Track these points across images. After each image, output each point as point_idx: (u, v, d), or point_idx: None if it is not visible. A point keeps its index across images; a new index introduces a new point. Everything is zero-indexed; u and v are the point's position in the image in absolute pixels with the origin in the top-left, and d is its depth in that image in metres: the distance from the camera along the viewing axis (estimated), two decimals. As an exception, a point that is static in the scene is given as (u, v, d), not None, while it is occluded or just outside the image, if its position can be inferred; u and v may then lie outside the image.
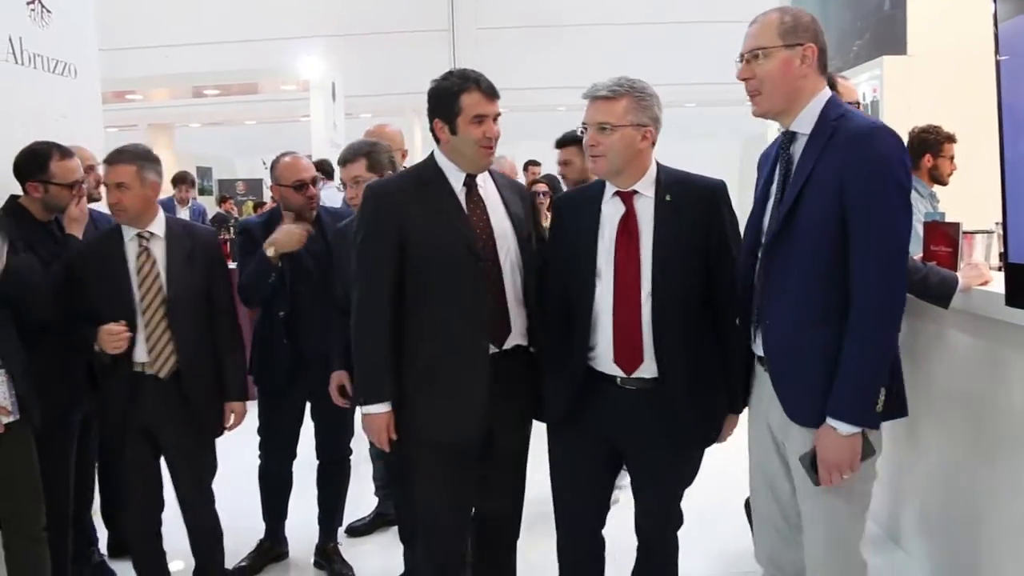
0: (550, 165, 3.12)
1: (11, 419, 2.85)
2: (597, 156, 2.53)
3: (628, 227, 2.55)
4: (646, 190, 2.56)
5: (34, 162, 3.28)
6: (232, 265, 4.11)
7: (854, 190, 2.13)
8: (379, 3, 19.04)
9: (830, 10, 7.63)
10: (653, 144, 2.57)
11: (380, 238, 2.65)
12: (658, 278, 2.50)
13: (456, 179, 2.70)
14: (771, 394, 2.32)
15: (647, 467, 2.67)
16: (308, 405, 3.86)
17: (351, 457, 4.03)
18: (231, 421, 3.35)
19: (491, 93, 2.64)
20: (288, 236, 3.53)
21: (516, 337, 2.73)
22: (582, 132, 2.58)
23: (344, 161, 3.56)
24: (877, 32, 7.31)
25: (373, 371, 2.66)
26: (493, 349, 2.67)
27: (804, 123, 2.29)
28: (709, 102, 15.17)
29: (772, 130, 9.24)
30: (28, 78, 3.38)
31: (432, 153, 2.75)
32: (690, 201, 2.56)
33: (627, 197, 2.57)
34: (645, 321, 2.51)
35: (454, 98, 2.61)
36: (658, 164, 2.62)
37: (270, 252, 3.51)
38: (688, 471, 2.71)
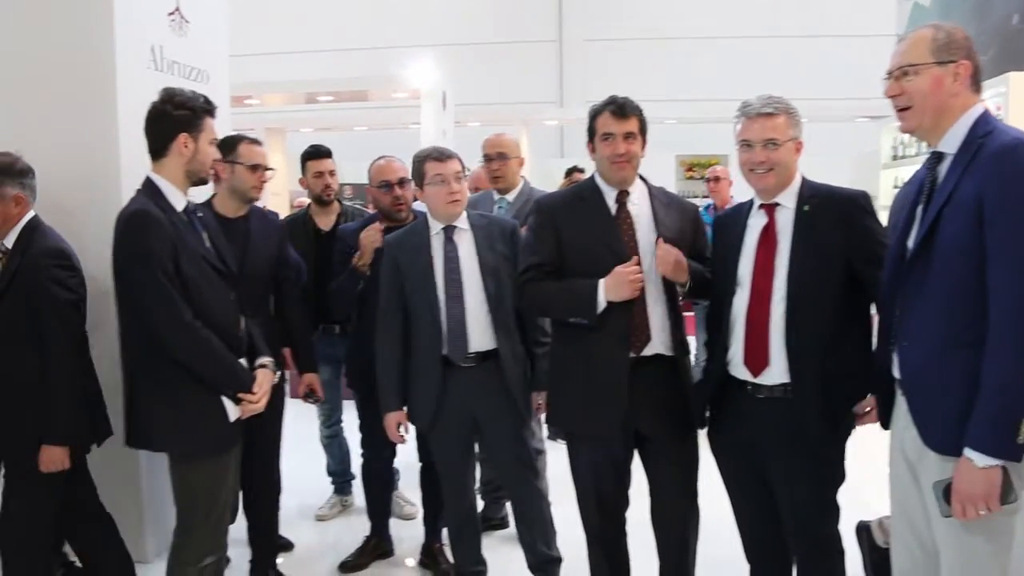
0: (654, 174, 3.16)
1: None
2: (766, 172, 2.63)
3: (768, 237, 2.68)
4: (788, 202, 2.68)
5: (224, 145, 3.45)
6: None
7: (991, 206, 2.07)
8: (490, 14, 19.27)
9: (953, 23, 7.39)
10: None
11: (541, 243, 3.00)
12: (792, 285, 2.59)
13: (609, 196, 3.00)
14: (907, 417, 2.28)
15: (786, 473, 2.69)
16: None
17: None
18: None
19: (619, 113, 2.89)
20: (367, 241, 3.70)
21: (657, 345, 2.92)
22: (741, 148, 2.68)
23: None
24: (1003, 47, 7.08)
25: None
26: (632, 354, 2.89)
27: (951, 143, 2.24)
28: (817, 118, 14.93)
29: (886, 147, 9.05)
30: (166, 84, 3.52)
31: (593, 174, 3.08)
32: (829, 212, 2.63)
33: (770, 209, 2.70)
34: (775, 325, 2.61)
35: (592, 121, 2.97)
36: (803, 177, 2.71)
37: (360, 263, 3.71)
38: (830, 473, 2.72)
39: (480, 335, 3.33)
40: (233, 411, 2.95)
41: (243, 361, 3.04)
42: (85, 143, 3.91)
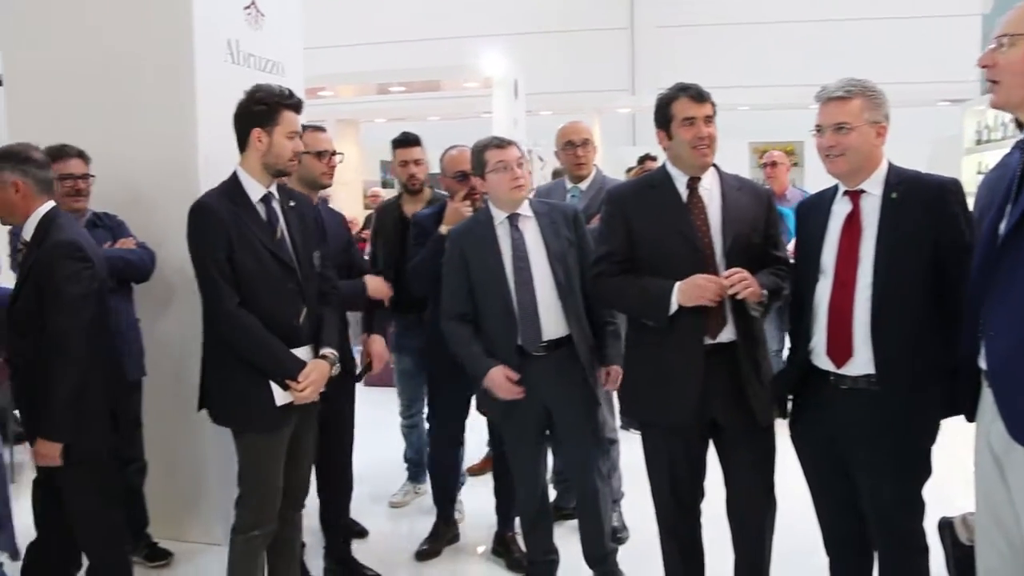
0: (727, 162, 3.13)
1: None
2: (836, 156, 2.59)
3: (852, 224, 2.62)
4: (874, 188, 2.61)
5: None
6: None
7: None
8: (561, 1, 19.17)
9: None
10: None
11: (612, 233, 3.00)
12: (879, 274, 2.53)
13: (680, 182, 2.96)
14: (994, 410, 2.19)
15: (870, 467, 2.63)
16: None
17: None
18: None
19: (698, 98, 2.88)
20: (456, 214, 3.72)
21: (733, 332, 2.88)
22: (815, 134, 2.64)
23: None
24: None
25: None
26: (708, 341, 2.86)
27: None
28: (896, 103, 14.49)
29: (969, 132, 8.76)
30: (242, 77, 3.61)
31: (664, 162, 3.06)
32: (917, 199, 2.56)
33: (855, 196, 2.63)
34: (859, 315, 2.56)
35: (667, 107, 2.93)
36: (889, 163, 2.65)
37: (444, 231, 3.71)
38: (916, 467, 2.65)
39: (552, 322, 3.34)
40: (281, 396, 3.04)
41: (304, 350, 3.10)
42: (165, 136, 4.02)
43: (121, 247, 3.79)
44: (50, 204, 3.17)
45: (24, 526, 3.26)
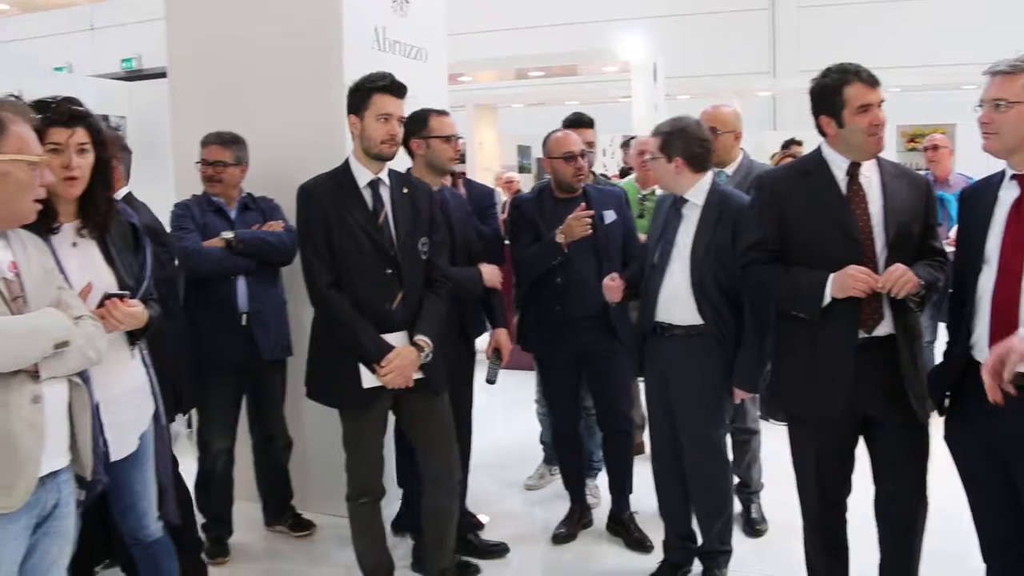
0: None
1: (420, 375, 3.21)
2: (990, 134, 2.47)
3: (1020, 211, 2.45)
4: None
5: (415, 121, 3.61)
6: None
7: None
8: (700, -17, 18.77)
9: None
10: None
11: (764, 221, 2.91)
12: None
13: (839, 169, 2.83)
14: None
15: None
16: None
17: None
18: None
19: (872, 82, 2.75)
20: (579, 226, 3.72)
21: (889, 325, 2.77)
22: (977, 109, 2.53)
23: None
24: None
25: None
26: (863, 334, 2.76)
27: None
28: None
29: None
30: (387, 63, 3.68)
31: (819, 147, 2.92)
32: None
33: (1023, 180, 2.46)
34: None
35: (837, 92, 2.77)
36: None
37: (560, 239, 3.73)
38: None
39: (679, 308, 3.35)
40: (368, 378, 3.14)
41: (398, 335, 3.17)
42: (315, 121, 4.16)
43: (266, 230, 3.93)
44: (124, 191, 3.38)
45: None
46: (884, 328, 2.77)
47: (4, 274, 2.14)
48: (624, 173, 7.98)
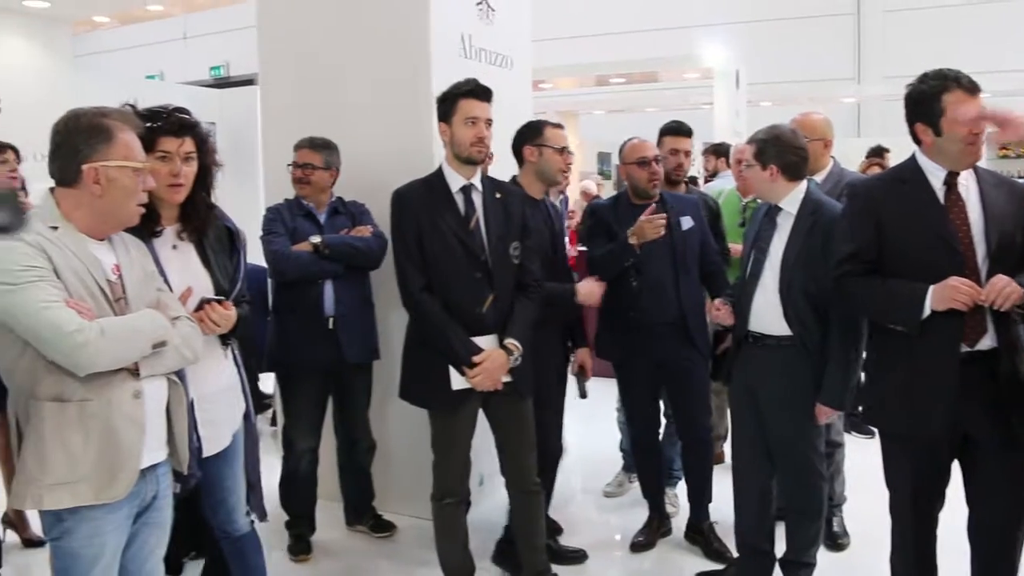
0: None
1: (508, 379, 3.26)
2: None
3: None
4: None
5: (531, 129, 3.75)
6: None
7: None
8: (783, -12, 18.53)
9: None
10: None
11: (859, 231, 2.81)
12: None
13: (936, 178, 2.74)
14: None
15: None
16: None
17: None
18: None
19: (973, 88, 2.64)
20: (651, 228, 3.69)
21: (989, 339, 2.66)
22: None
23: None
24: None
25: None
26: (965, 349, 2.66)
27: None
28: None
29: None
30: (473, 71, 3.71)
31: (913, 154, 2.82)
32: None
33: None
34: None
35: (935, 99, 2.67)
36: None
37: (633, 240, 3.72)
38: None
39: (770, 318, 3.26)
40: (457, 380, 3.20)
41: (489, 338, 3.22)
42: (403, 128, 4.23)
43: (354, 234, 3.98)
44: None
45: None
46: (986, 342, 2.66)
47: (108, 276, 2.24)
48: (709, 178, 7.91)
